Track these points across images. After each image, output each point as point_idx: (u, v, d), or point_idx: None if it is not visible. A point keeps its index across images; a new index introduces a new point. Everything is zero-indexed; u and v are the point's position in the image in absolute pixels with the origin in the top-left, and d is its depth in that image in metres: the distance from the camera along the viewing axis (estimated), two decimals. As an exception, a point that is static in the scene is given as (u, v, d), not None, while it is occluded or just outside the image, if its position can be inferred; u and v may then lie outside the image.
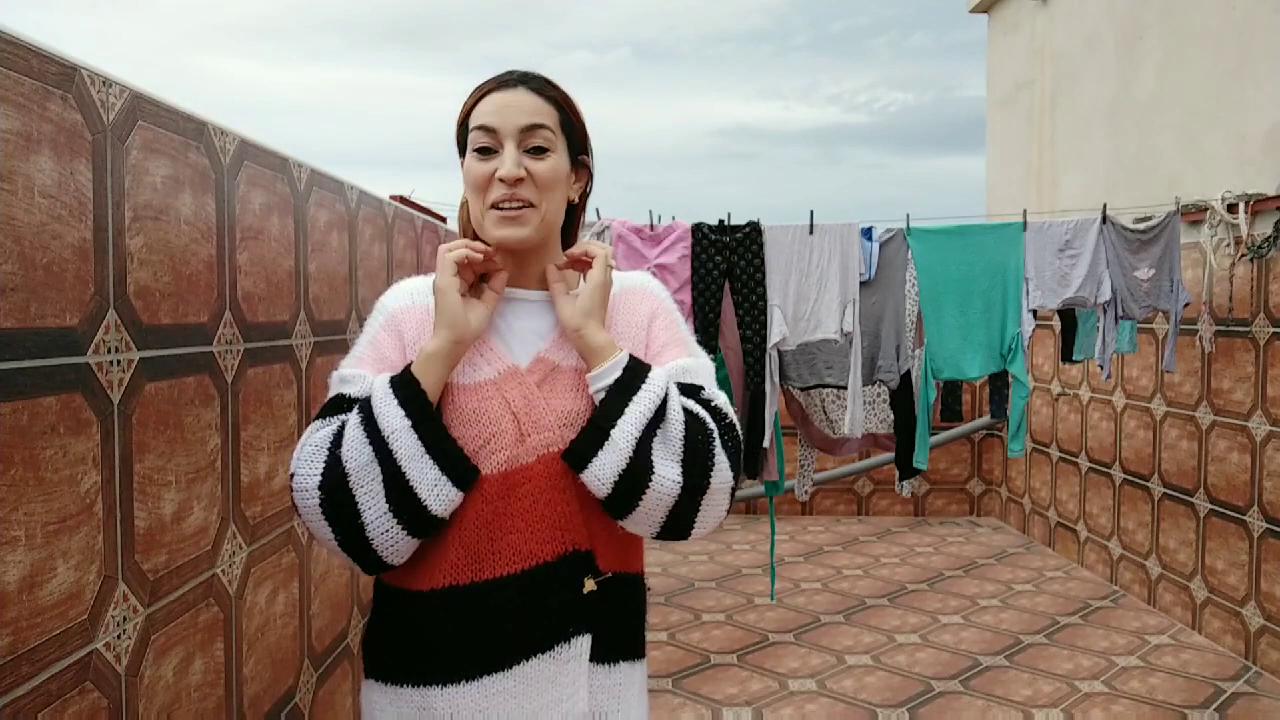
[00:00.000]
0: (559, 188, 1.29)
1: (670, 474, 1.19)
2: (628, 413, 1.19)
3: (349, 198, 2.44)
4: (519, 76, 1.29)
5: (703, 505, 1.22)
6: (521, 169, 1.24)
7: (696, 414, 1.24)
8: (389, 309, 1.34)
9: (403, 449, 1.16)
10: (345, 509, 1.16)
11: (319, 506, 1.17)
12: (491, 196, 1.25)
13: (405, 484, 1.16)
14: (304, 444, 1.22)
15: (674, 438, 1.20)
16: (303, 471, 1.19)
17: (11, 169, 1.11)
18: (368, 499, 1.16)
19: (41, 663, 1.17)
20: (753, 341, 3.65)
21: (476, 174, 1.26)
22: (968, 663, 3.74)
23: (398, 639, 1.26)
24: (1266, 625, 3.69)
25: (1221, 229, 3.87)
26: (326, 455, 1.18)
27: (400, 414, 1.16)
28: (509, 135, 1.25)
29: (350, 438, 1.17)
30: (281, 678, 1.99)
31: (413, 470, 1.16)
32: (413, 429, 1.16)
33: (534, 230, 1.26)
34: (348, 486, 1.16)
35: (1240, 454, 3.84)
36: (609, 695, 1.27)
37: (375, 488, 1.16)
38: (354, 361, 1.30)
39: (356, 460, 1.16)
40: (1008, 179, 6.52)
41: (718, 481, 1.22)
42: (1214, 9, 4.16)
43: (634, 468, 1.18)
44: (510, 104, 1.26)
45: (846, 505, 6.45)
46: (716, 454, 1.22)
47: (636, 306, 1.36)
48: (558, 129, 1.28)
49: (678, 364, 1.30)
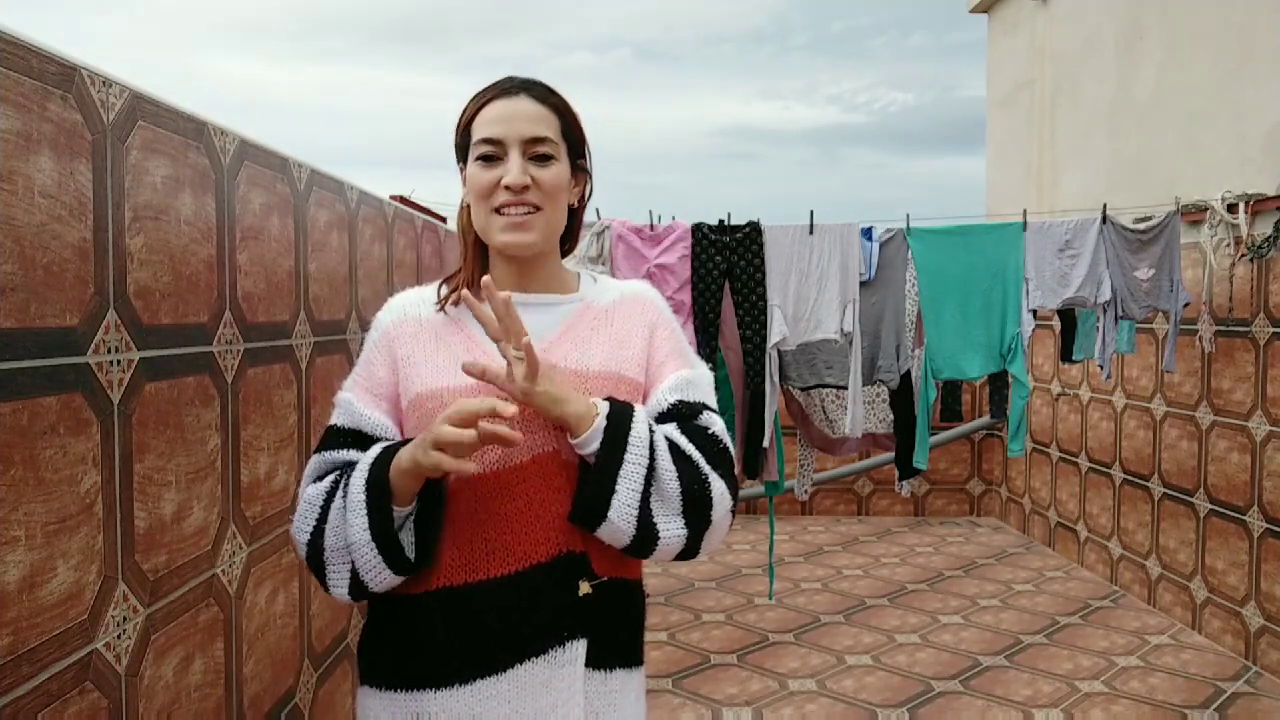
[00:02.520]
0: (562, 194, 1.30)
1: (674, 529, 1.22)
2: (619, 489, 1.19)
3: (349, 198, 2.44)
4: (520, 84, 1.29)
5: (707, 538, 1.25)
6: (527, 177, 1.25)
7: (687, 456, 1.24)
8: (382, 325, 1.35)
9: (360, 557, 1.21)
10: (318, 569, 1.27)
11: (305, 558, 1.28)
12: (496, 202, 1.26)
13: (359, 578, 1.23)
14: (309, 484, 1.29)
15: (670, 494, 1.21)
16: (298, 524, 1.28)
17: (11, 169, 1.11)
18: (334, 573, 1.25)
19: (41, 663, 1.17)
20: (753, 341, 3.65)
21: (481, 182, 1.27)
22: (968, 663, 3.74)
23: (392, 642, 1.26)
24: (1266, 625, 3.69)
25: (1221, 229, 3.87)
26: (317, 518, 1.25)
27: (364, 525, 1.19)
28: (514, 144, 1.26)
29: (332, 523, 1.24)
30: (281, 678, 1.99)
31: (369, 576, 1.22)
32: (371, 542, 1.20)
33: (539, 236, 1.28)
34: (323, 560, 1.25)
35: (1240, 454, 3.84)
36: (605, 702, 1.26)
37: (342, 570, 1.24)
38: (350, 384, 1.34)
39: (331, 544, 1.24)
40: (1008, 179, 6.52)
41: (719, 515, 1.24)
42: (1214, 9, 4.16)
43: (639, 536, 1.21)
44: (514, 113, 1.26)
45: (846, 505, 6.45)
46: (714, 493, 1.23)
47: (637, 316, 1.36)
48: (559, 136, 1.29)
49: (680, 376, 1.32)
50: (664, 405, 1.30)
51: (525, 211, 1.25)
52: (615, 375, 1.29)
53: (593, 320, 1.34)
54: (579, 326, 1.33)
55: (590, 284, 1.40)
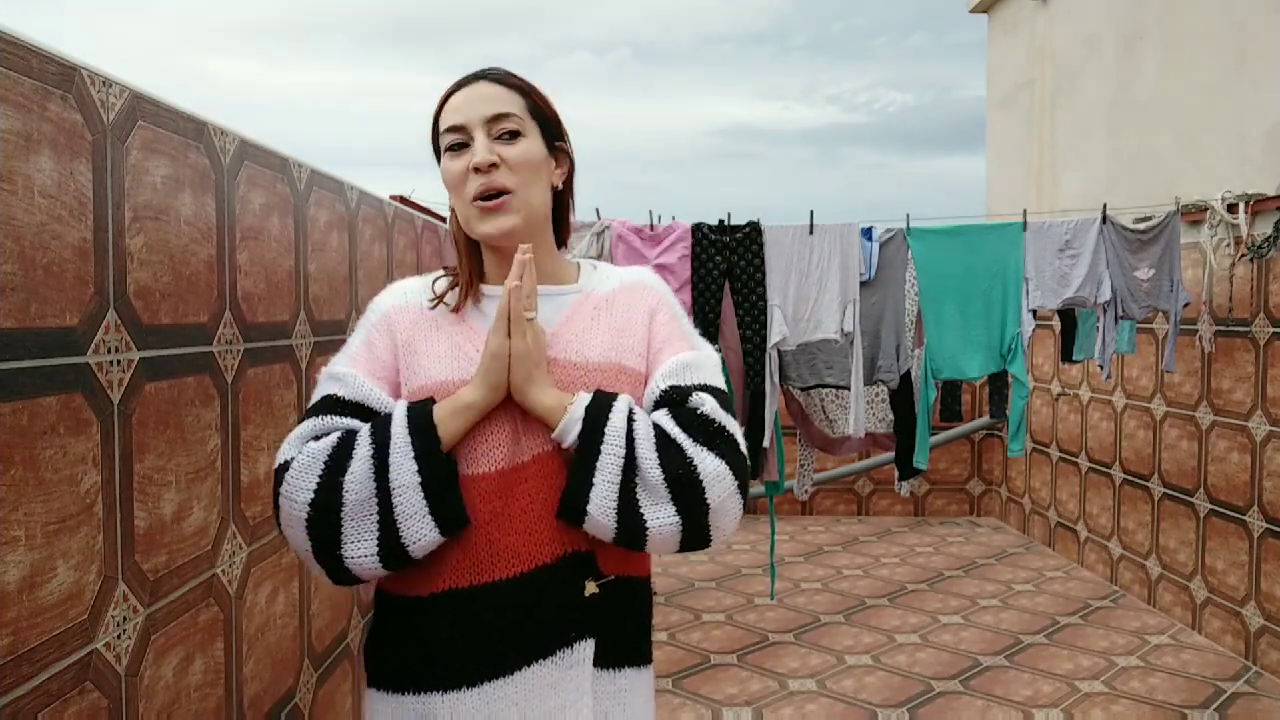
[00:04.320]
0: (536, 172, 1.27)
1: (663, 517, 1.18)
2: (596, 483, 1.17)
3: (349, 198, 2.44)
4: (478, 72, 1.30)
5: (711, 522, 1.20)
6: (493, 154, 1.24)
7: (670, 440, 1.19)
8: (383, 308, 1.34)
9: (405, 505, 1.15)
10: (329, 532, 1.16)
11: (304, 520, 1.17)
12: (469, 190, 1.24)
13: (396, 533, 1.16)
14: (301, 445, 1.21)
15: (654, 482, 1.17)
16: (296, 481, 1.17)
17: (11, 169, 1.11)
18: (355, 533, 1.16)
19: (41, 663, 1.17)
20: (753, 341, 3.65)
21: (453, 172, 1.26)
22: (968, 663, 3.74)
23: (398, 646, 1.25)
24: (1266, 625, 3.69)
25: (1221, 229, 3.87)
26: (322, 471, 1.17)
27: (413, 469, 1.15)
28: (476, 126, 1.25)
29: (355, 472, 1.16)
30: (281, 678, 1.99)
31: (408, 527, 1.16)
32: (421, 487, 1.16)
33: (519, 218, 1.25)
34: (339, 516, 1.16)
35: (1240, 454, 3.84)
36: (614, 702, 1.25)
37: (368, 525, 1.16)
38: (347, 360, 1.29)
39: (355, 495, 1.16)
40: (1008, 179, 6.52)
41: (717, 496, 1.19)
42: (1214, 9, 4.16)
43: (624, 527, 1.18)
44: (474, 97, 1.26)
45: (846, 505, 6.45)
46: (703, 474, 1.18)
47: (636, 303, 1.34)
48: (526, 114, 1.27)
49: (675, 361, 1.29)
50: (657, 392, 1.27)
51: (497, 195, 1.24)
52: (616, 365, 1.28)
53: (593, 310, 1.32)
54: (578, 317, 1.31)
55: (590, 272, 1.38)
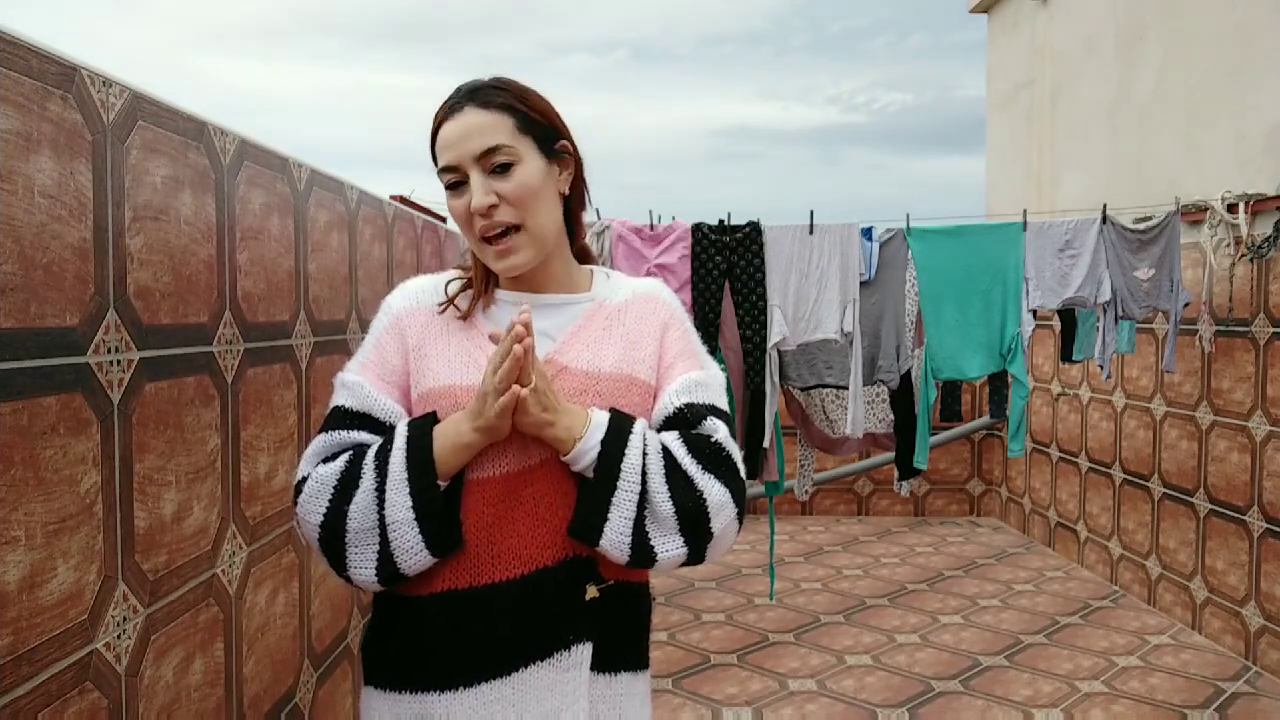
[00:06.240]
0: (538, 196, 1.26)
1: (671, 548, 1.22)
2: (612, 518, 1.20)
3: (349, 198, 2.44)
4: (465, 93, 1.26)
5: (711, 548, 1.25)
6: (490, 195, 1.23)
7: (682, 472, 1.22)
8: (394, 310, 1.33)
9: (400, 539, 1.19)
10: (336, 552, 1.22)
11: (316, 540, 1.23)
12: (478, 231, 1.25)
13: (392, 560, 1.20)
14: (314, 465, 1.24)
15: (664, 516, 1.21)
16: (308, 505, 1.23)
17: (11, 169, 1.11)
18: (358, 557, 1.21)
19: (41, 663, 1.17)
20: (753, 341, 3.65)
21: (457, 212, 1.27)
22: (968, 663, 3.74)
23: (397, 644, 1.26)
24: (1266, 625, 3.69)
25: (1221, 229, 3.87)
26: (331, 496, 1.21)
27: (408, 505, 1.18)
28: (469, 165, 1.23)
29: (358, 503, 1.20)
30: (281, 678, 1.99)
31: (402, 556, 1.20)
32: (415, 523, 1.19)
33: (530, 253, 1.26)
34: (344, 542, 1.21)
35: (1240, 454, 3.84)
36: (610, 706, 1.26)
37: (369, 552, 1.21)
38: (357, 367, 1.31)
39: (357, 525, 1.20)
40: (1007, 179, 6.52)
41: (720, 525, 1.23)
42: (1214, 9, 4.16)
43: (635, 556, 1.21)
44: (462, 132, 1.23)
45: (846, 505, 6.45)
46: (710, 505, 1.21)
47: (649, 315, 1.35)
48: (517, 136, 1.24)
49: (689, 378, 1.30)
50: (670, 409, 1.28)
51: (503, 233, 1.24)
52: (626, 377, 1.29)
53: (605, 320, 1.33)
54: (590, 327, 1.32)
55: (603, 281, 1.39)
